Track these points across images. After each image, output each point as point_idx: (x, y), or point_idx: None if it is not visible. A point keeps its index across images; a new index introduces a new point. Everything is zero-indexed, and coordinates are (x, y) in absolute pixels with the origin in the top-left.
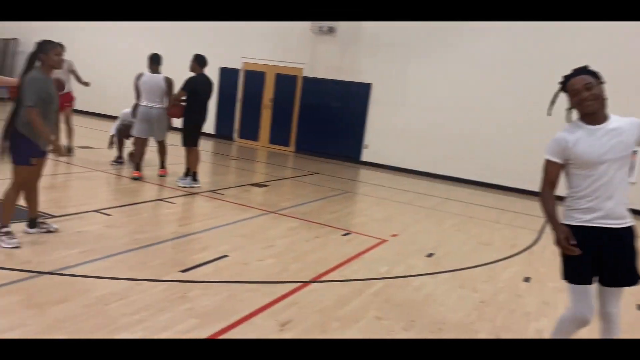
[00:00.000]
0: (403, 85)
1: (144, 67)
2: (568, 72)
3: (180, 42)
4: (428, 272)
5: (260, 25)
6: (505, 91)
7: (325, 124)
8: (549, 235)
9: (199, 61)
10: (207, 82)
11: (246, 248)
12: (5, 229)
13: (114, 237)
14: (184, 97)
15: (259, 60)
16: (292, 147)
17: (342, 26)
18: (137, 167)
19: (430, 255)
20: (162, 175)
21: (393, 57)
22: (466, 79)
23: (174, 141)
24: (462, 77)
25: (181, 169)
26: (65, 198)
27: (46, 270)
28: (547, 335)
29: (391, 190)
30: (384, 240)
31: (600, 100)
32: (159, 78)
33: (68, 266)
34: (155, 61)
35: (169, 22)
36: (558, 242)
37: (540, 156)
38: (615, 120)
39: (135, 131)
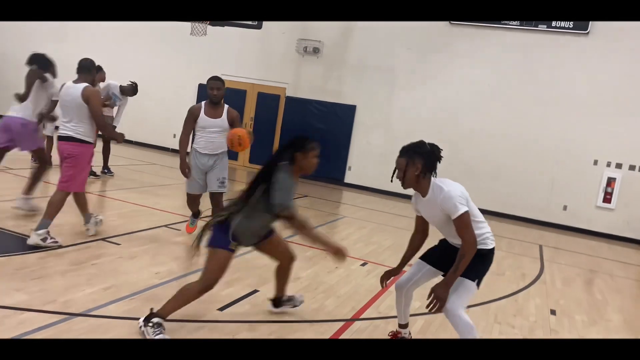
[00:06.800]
0: (388, 108)
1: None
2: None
3: (155, 56)
4: None
5: (243, 44)
6: (491, 117)
7: None
8: (552, 264)
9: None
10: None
11: (273, 282)
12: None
13: (131, 271)
14: None
15: (240, 78)
16: None
17: (327, 47)
18: None
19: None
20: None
21: (378, 80)
22: (450, 104)
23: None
24: (446, 103)
25: None
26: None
27: (78, 312)
28: None
29: (387, 215)
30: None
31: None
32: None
33: (97, 306)
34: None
35: (147, 34)
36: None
37: (529, 179)
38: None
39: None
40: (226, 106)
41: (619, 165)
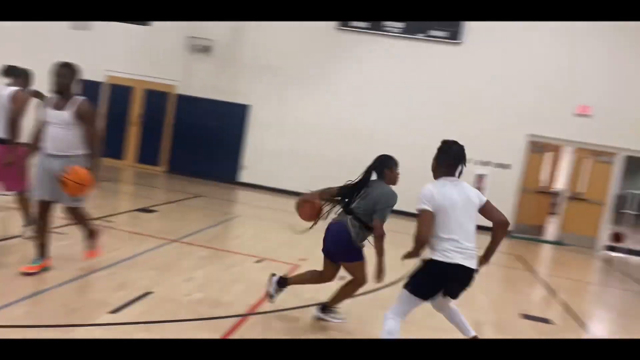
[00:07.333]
0: (282, 108)
1: None
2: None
3: (35, 52)
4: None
5: (129, 39)
6: (376, 119)
7: (201, 144)
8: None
9: None
10: None
11: (167, 282)
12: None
13: (17, 277)
14: None
15: (126, 74)
16: (163, 167)
17: (219, 45)
18: None
19: (342, 278)
20: None
21: (272, 80)
22: (339, 105)
23: None
24: (335, 104)
25: None
26: None
27: None
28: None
29: (281, 213)
30: (296, 266)
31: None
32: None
33: None
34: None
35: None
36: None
37: (410, 177)
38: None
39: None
40: (79, 98)
41: (487, 163)
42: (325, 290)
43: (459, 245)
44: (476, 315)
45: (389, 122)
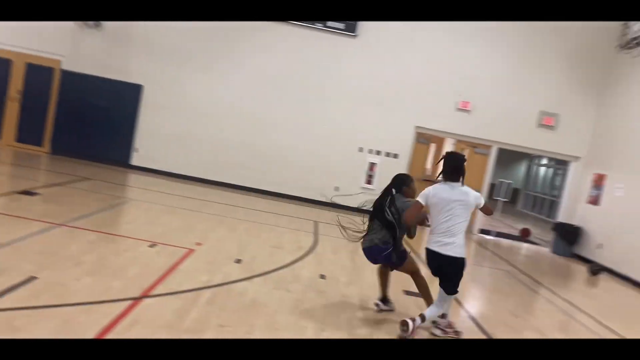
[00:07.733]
0: (178, 90)
1: None
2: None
3: None
4: (244, 277)
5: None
6: (276, 106)
7: (90, 124)
8: (325, 238)
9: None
10: None
11: (53, 267)
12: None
13: None
14: None
15: (3, 45)
16: (46, 148)
17: (110, 22)
18: None
19: (238, 261)
20: None
21: (167, 60)
22: (240, 91)
23: None
24: (236, 89)
25: None
26: None
27: None
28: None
29: (175, 198)
30: (192, 250)
31: None
32: None
33: None
34: None
35: None
36: None
37: (308, 163)
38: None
39: None
40: None
41: (378, 152)
42: (221, 273)
43: (438, 237)
44: (365, 291)
45: (286, 109)
